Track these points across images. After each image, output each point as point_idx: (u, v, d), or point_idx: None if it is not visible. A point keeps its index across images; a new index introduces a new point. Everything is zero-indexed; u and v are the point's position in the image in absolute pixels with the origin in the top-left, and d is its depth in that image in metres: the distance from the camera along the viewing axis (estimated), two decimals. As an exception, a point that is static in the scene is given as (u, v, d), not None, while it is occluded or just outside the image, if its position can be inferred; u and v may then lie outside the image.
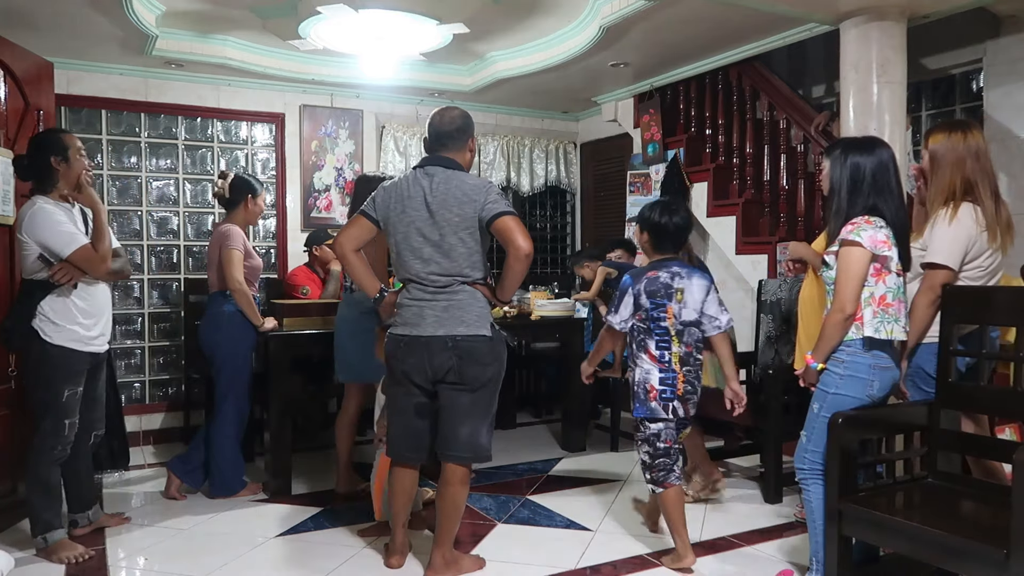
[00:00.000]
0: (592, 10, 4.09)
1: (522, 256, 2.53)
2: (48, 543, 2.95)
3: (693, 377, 2.90)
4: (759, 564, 2.95)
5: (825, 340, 2.43)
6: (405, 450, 2.77)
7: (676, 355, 2.86)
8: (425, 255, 2.62)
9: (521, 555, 3.04)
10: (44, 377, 2.92)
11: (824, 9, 3.61)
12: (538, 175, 6.25)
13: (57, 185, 2.97)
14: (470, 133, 2.74)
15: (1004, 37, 4.15)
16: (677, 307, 2.86)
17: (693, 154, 5.13)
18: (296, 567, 2.95)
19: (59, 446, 2.95)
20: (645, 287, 2.87)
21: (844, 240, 2.38)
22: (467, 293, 2.63)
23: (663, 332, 2.86)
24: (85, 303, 2.98)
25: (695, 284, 2.90)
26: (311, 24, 4.01)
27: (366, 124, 5.62)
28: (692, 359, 2.90)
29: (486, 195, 2.58)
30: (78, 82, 4.75)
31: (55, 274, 2.88)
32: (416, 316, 2.63)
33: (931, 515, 2.29)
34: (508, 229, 2.53)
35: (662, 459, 2.87)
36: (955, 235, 2.52)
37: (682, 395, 2.87)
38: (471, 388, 2.63)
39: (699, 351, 2.93)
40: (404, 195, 2.65)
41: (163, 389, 5.09)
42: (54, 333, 2.90)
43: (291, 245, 5.37)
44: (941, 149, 2.61)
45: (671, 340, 2.86)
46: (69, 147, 2.98)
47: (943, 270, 2.52)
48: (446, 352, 2.59)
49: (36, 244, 2.88)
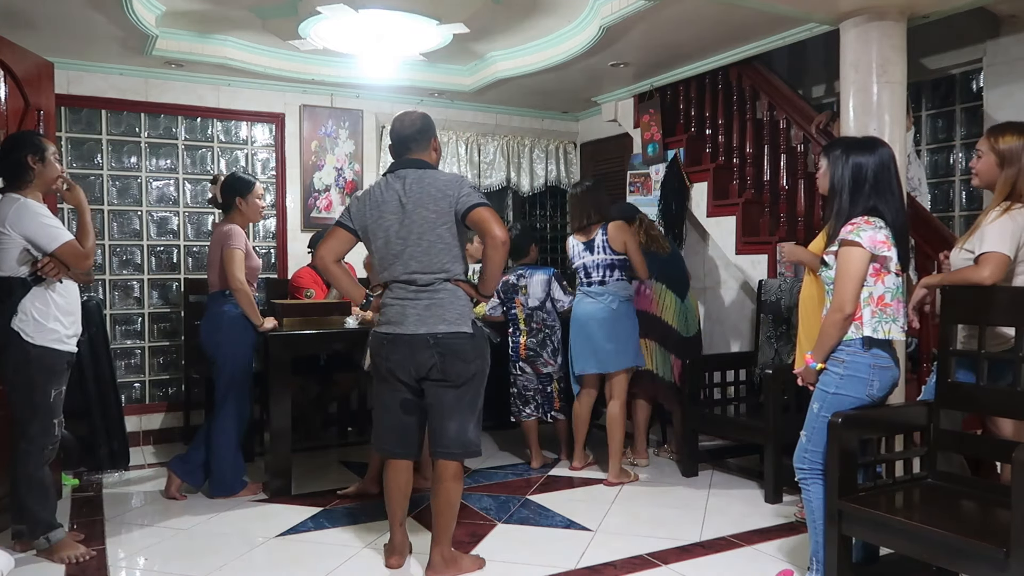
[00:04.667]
0: (592, 10, 4.09)
1: (499, 244, 2.58)
2: (51, 543, 2.94)
3: (536, 344, 4.23)
4: (759, 564, 2.95)
5: (824, 340, 2.43)
6: (392, 446, 2.83)
7: (524, 332, 4.24)
8: (405, 256, 2.67)
9: (521, 555, 3.04)
10: (30, 380, 2.87)
11: (824, 9, 3.60)
12: (538, 175, 6.25)
13: (32, 184, 2.93)
14: (431, 133, 2.80)
15: (1004, 37, 4.15)
16: (524, 299, 4.23)
17: (693, 154, 5.13)
18: (296, 567, 2.95)
19: (49, 445, 2.94)
20: (501, 287, 4.23)
21: (844, 240, 2.38)
22: (448, 292, 2.68)
23: (514, 317, 4.27)
24: (63, 299, 2.94)
25: (535, 280, 4.23)
26: (311, 24, 4.01)
27: (366, 124, 5.62)
28: (540, 334, 4.23)
29: (459, 188, 2.64)
30: (78, 82, 4.75)
31: (44, 267, 2.84)
32: (399, 315, 2.69)
33: (931, 515, 2.28)
34: (483, 219, 2.58)
35: (515, 399, 4.31)
36: (1003, 225, 2.52)
37: (525, 358, 4.24)
38: (455, 384, 2.69)
39: (548, 327, 4.23)
40: (378, 201, 2.71)
41: (163, 389, 5.09)
42: (36, 334, 2.85)
43: (291, 245, 5.37)
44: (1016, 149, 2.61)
45: (519, 321, 4.25)
46: (47, 148, 2.96)
47: (997, 255, 2.50)
48: (428, 350, 2.65)
49: (21, 238, 2.83)
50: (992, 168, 2.66)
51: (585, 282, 4.00)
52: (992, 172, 2.66)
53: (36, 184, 2.94)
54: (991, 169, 2.66)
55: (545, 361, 4.24)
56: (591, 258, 3.96)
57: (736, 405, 4.19)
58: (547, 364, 4.24)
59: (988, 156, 2.67)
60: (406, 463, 2.85)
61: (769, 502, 3.64)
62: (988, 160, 2.67)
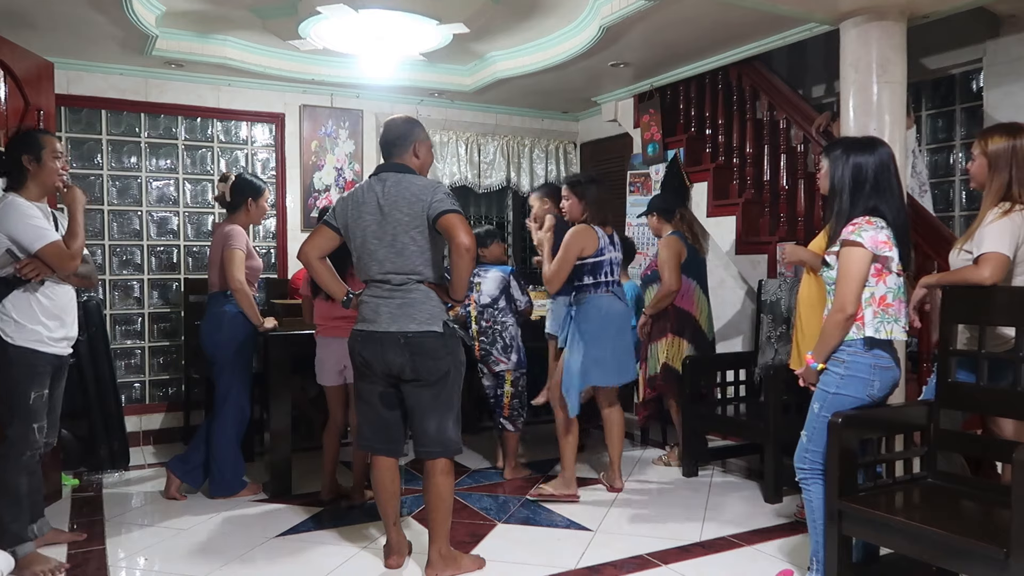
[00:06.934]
0: (592, 10, 4.09)
1: (463, 251, 2.62)
2: (17, 557, 2.78)
3: (488, 343, 4.06)
4: (759, 564, 2.95)
5: (825, 340, 2.43)
6: (374, 441, 2.87)
7: (475, 329, 4.08)
8: (380, 256, 2.73)
9: (521, 555, 3.04)
10: (8, 380, 2.79)
11: (824, 9, 3.60)
12: (538, 175, 6.25)
13: (27, 185, 2.87)
14: (413, 138, 2.83)
15: (1004, 37, 4.15)
16: (476, 295, 4.07)
17: (693, 154, 5.13)
18: (296, 567, 2.95)
19: (28, 452, 2.83)
20: None
21: (845, 240, 2.38)
22: (421, 292, 2.73)
23: (468, 315, 4.12)
24: (50, 302, 2.86)
25: (489, 277, 4.08)
26: (311, 24, 4.01)
27: (366, 124, 5.62)
28: (490, 331, 4.06)
29: (432, 194, 2.69)
30: (78, 82, 4.75)
31: (23, 268, 2.78)
32: (373, 312, 2.75)
33: (931, 515, 2.28)
34: (451, 226, 2.63)
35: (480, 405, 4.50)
36: (1003, 226, 2.52)
37: (480, 357, 4.08)
38: (428, 382, 2.73)
39: (499, 323, 4.06)
40: (359, 201, 2.78)
41: (163, 389, 5.09)
42: (15, 333, 2.78)
43: (291, 245, 5.36)
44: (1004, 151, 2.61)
45: (471, 319, 4.10)
46: (44, 147, 2.88)
47: (997, 255, 2.50)
48: (398, 347, 2.70)
49: (5, 237, 2.77)
50: (984, 170, 2.66)
51: (610, 280, 3.71)
52: (985, 174, 2.66)
53: (32, 184, 2.88)
54: (983, 171, 2.67)
55: (496, 359, 4.05)
56: (615, 255, 3.75)
57: (736, 405, 4.19)
58: (498, 361, 4.04)
59: (980, 159, 2.68)
60: (390, 461, 2.88)
61: (769, 502, 3.64)
62: (980, 163, 2.68)
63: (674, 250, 4.10)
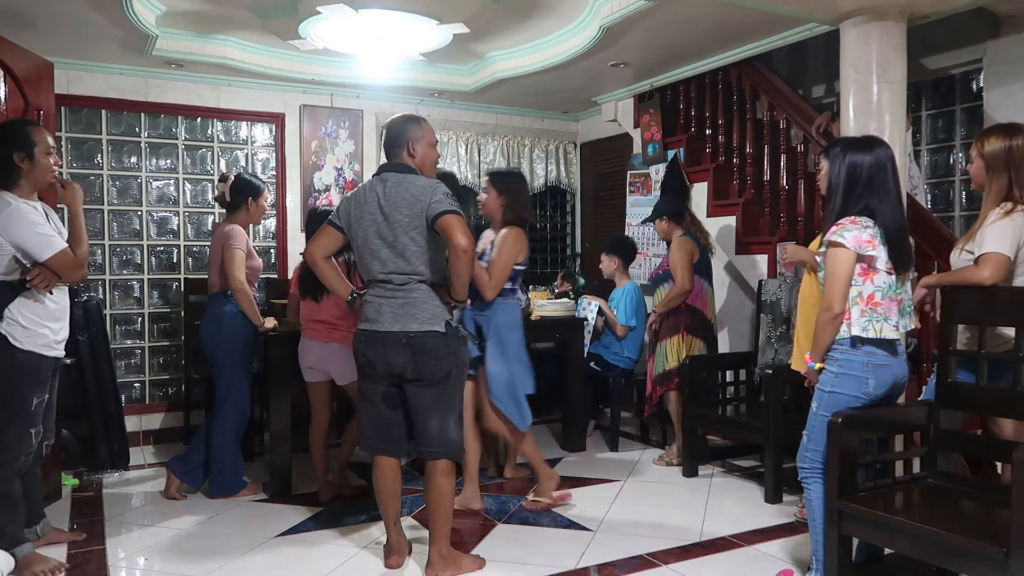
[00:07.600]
0: (592, 10, 4.09)
1: (459, 252, 2.62)
2: (16, 558, 2.76)
3: None
4: (759, 564, 2.95)
5: (818, 339, 2.45)
6: (376, 441, 2.87)
7: None
8: (382, 256, 2.73)
9: (521, 555, 3.04)
10: (11, 385, 2.75)
11: (824, 9, 3.60)
12: (538, 175, 6.25)
13: (19, 183, 2.79)
14: (407, 137, 2.83)
15: (1004, 37, 4.15)
16: None
17: (693, 154, 5.13)
18: (296, 567, 2.95)
19: (22, 456, 2.79)
20: None
21: (829, 241, 2.41)
22: (423, 292, 2.73)
23: None
24: (54, 304, 2.84)
25: None
26: (311, 24, 4.01)
27: (366, 124, 5.62)
28: None
29: (431, 195, 2.69)
30: (78, 82, 4.75)
31: (34, 279, 2.73)
32: (375, 312, 2.76)
33: (931, 515, 2.28)
34: (449, 227, 2.62)
35: None
36: (1004, 226, 2.52)
37: None
38: (430, 382, 2.73)
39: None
40: (362, 201, 2.78)
41: (163, 389, 5.09)
42: (24, 338, 2.74)
43: (291, 245, 5.36)
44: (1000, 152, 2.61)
45: None
46: (36, 144, 2.80)
47: (998, 255, 2.50)
48: (400, 347, 2.70)
49: (11, 245, 2.72)
50: (983, 172, 2.66)
51: (517, 286, 3.51)
52: (983, 176, 2.66)
53: (25, 182, 2.81)
54: (982, 173, 2.67)
55: None
56: None
57: (736, 405, 4.19)
58: None
59: (977, 161, 2.68)
60: (391, 461, 2.88)
61: (769, 502, 3.63)
62: (978, 165, 2.68)
63: (687, 251, 4.19)
